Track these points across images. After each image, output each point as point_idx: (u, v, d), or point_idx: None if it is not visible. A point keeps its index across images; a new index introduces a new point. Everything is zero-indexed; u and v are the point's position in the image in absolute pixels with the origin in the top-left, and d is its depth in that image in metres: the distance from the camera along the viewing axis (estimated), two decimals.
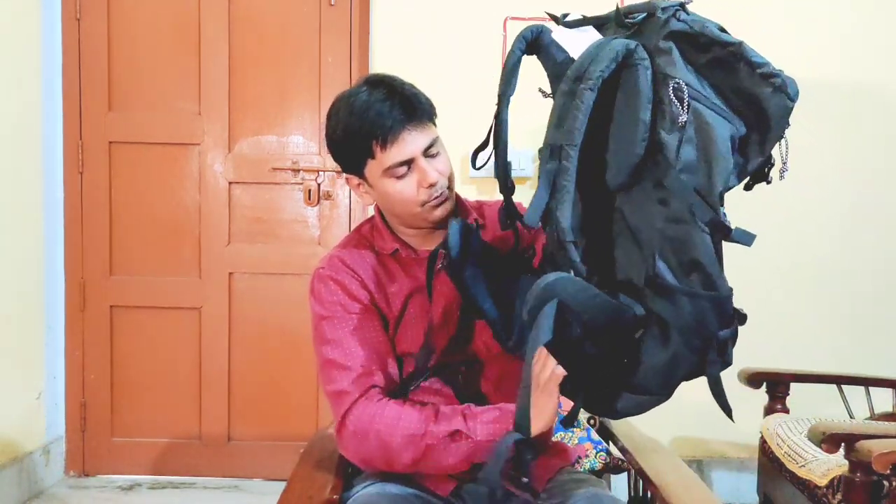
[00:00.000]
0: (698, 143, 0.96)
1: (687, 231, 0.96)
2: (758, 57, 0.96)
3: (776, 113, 0.98)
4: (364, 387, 1.21)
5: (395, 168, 1.22)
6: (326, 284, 1.29)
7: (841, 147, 2.49)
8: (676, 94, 0.95)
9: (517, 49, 1.19)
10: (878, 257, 2.50)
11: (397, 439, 1.16)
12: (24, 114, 2.49)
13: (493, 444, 1.11)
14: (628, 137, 0.99)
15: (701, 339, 0.96)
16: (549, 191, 1.02)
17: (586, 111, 0.98)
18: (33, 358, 2.56)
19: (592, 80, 0.98)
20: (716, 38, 0.97)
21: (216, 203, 2.65)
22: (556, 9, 1.28)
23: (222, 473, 2.69)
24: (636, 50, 0.99)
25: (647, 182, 0.99)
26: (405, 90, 1.24)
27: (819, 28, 2.47)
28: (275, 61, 2.63)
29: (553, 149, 1.02)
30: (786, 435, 1.83)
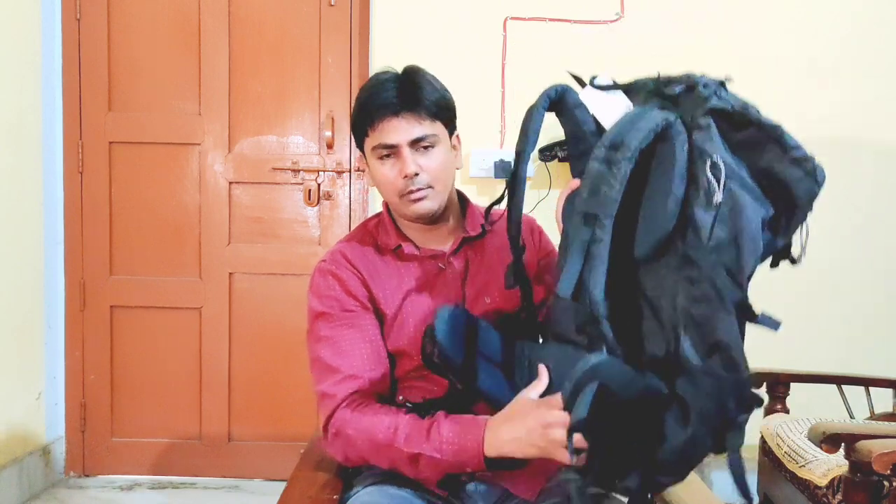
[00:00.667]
0: (731, 223, 0.95)
1: (713, 311, 0.94)
2: (792, 141, 0.96)
3: (804, 197, 0.97)
4: (348, 391, 1.22)
5: (379, 149, 1.25)
6: (325, 279, 1.30)
7: (841, 148, 2.48)
8: (714, 172, 0.94)
9: (541, 107, 1.17)
10: (878, 257, 2.50)
11: (367, 447, 1.18)
12: (24, 114, 2.49)
13: (458, 461, 1.12)
14: (660, 210, 0.98)
15: (720, 420, 0.94)
16: (582, 260, 1.00)
17: (623, 181, 0.98)
18: (33, 358, 2.56)
19: (631, 150, 0.98)
20: (754, 118, 0.98)
21: (216, 203, 2.65)
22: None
23: (222, 473, 2.69)
24: (675, 123, 0.98)
25: (673, 257, 0.99)
26: (417, 80, 1.26)
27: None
28: (275, 61, 2.63)
29: (587, 217, 1.01)
30: (786, 435, 1.83)
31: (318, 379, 1.26)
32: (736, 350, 0.94)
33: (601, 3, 2.44)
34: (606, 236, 0.99)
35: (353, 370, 1.24)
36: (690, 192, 0.97)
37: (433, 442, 1.14)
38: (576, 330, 1.06)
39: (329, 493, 1.23)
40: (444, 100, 1.29)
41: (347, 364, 1.24)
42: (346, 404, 1.21)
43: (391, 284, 1.30)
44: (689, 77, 1.03)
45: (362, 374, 1.24)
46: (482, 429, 1.12)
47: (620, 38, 2.44)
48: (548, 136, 2.38)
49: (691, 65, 2.62)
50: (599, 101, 1.13)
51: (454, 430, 1.13)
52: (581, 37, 2.44)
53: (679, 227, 0.97)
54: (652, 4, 2.45)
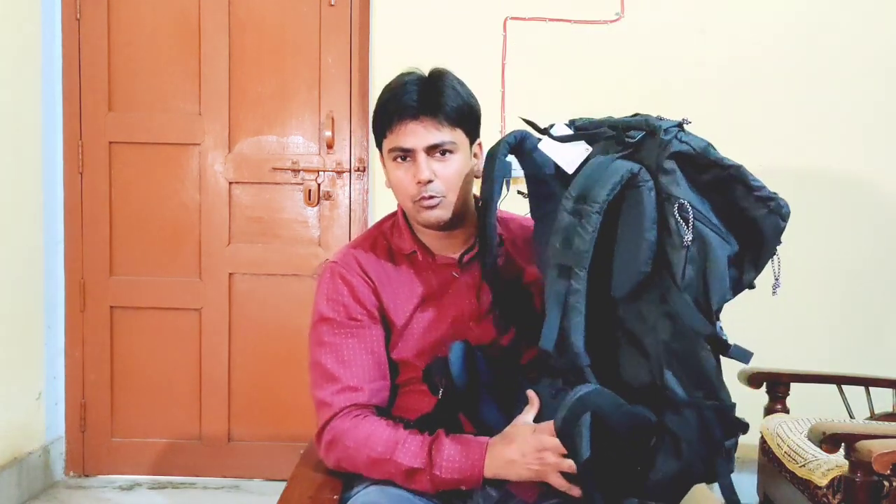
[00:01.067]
0: (699, 262, 1.00)
1: (693, 346, 1.01)
2: (755, 180, 1.00)
3: (770, 233, 1.01)
4: (346, 402, 1.23)
5: (395, 152, 1.24)
6: (335, 282, 1.28)
7: (842, 147, 2.48)
8: (682, 214, 0.99)
9: (501, 155, 1.20)
10: (879, 257, 2.49)
11: (363, 458, 1.19)
12: (24, 114, 2.49)
13: (456, 479, 1.15)
14: (634, 255, 1.03)
15: (708, 449, 1.01)
16: (560, 312, 1.05)
17: (594, 233, 1.02)
18: (33, 358, 2.56)
19: (599, 203, 1.02)
20: (716, 159, 1.01)
21: (216, 203, 2.65)
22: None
23: (222, 473, 2.69)
24: (640, 172, 1.02)
25: (653, 294, 1.04)
26: (441, 84, 1.24)
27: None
28: (275, 61, 2.63)
29: (562, 268, 1.05)
30: (786, 435, 1.83)
31: (317, 384, 1.26)
32: (717, 380, 1.01)
33: (601, 3, 2.44)
34: (582, 286, 1.03)
35: (354, 381, 1.24)
36: (662, 235, 1.02)
37: (434, 459, 1.15)
38: (562, 381, 1.10)
39: (329, 493, 1.23)
40: (468, 106, 1.25)
41: (348, 374, 1.24)
42: (342, 415, 1.22)
43: (403, 293, 1.29)
44: (648, 122, 1.06)
45: (362, 385, 1.24)
46: (484, 450, 1.14)
47: (620, 38, 2.44)
48: None
49: (691, 65, 2.63)
50: (558, 148, 1.17)
51: (456, 449, 1.15)
52: (581, 37, 2.44)
53: (656, 268, 1.02)
54: (652, 4, 2.45)
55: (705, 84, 2.45)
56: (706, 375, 1.00)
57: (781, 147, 2.46)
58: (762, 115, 2.46)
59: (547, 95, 2.43)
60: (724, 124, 2.34)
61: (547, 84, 2.45)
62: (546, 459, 1.08)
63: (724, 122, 2.37)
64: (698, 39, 2.46)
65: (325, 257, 2.63)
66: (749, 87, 2.46)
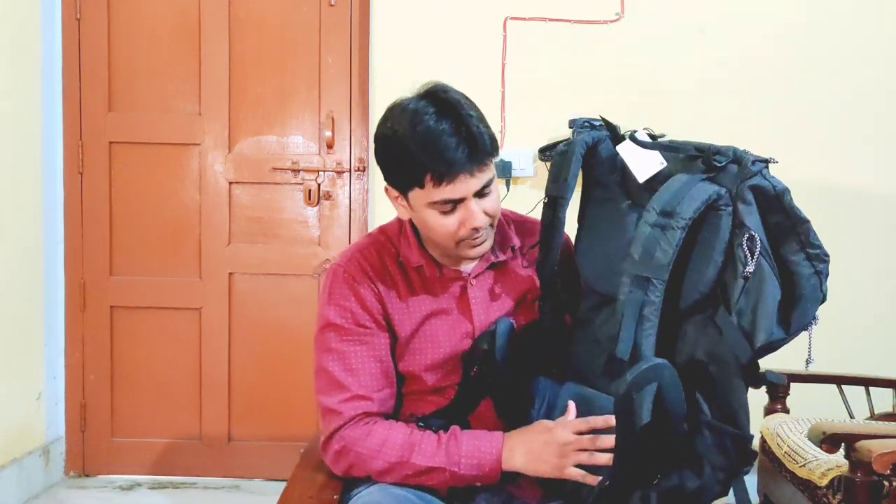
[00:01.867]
0: (753, 295, 1.04)
1: (727, 373, 1.05)
2: (816, 239, 1.06)
3: (808, 293, 1.07)
4: (355, 411, 1.21)
5: (440, 204, 1.16)
6: (341, 288, 1.25)
7: (842, 146, 2.48)
8: (749, 246, 1.03)
9: (578, 154, 1.22)
10: (879, 257, 2.49)
11: (378, 464, 1.19)
12: (24, 114, 2.49)
13: (473, 475, 1.15)
14: (701, 275, 1.07)
15: (726, 475, 1.06)
16: (635, 322, 1.06)
17: (676, 248, 1.05)
18: (33, 358, 2.56)
19: (685, 220, 1.05)
20: (788, 206, 1.05)
21: (216, 203, 2.65)
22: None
23: (222, 473, 2.68)
24: (724, 196, 1.06)
25: (699, 317, 1.08)
26: (472, 126, 1.14)
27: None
28: (275, 61, 2.62)
29: (639, 279, 1.06)
30: (786, 435, 1.83)
31: (324, 391, 1.24)
32: (743, 412, 1.05)
33: (601, 3, 2.44)
34: (658, 299, 1.05)
35: (362, 389, 1.22)
36: (726, 261, 1.06)
37: (451, 457, 1.15)
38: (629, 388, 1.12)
39: (330, 493, 1.22)
40: (493, 136, 1.19)
41: (357, 383, 1.22)
42: (352, 423, 1.21)
43: (409, 305, 1.26)
44: (735, 152, 1.09)
45: (371, 394, 1.23)
46: (500, 444, 1.14)
47: (620, 38, 2.44)
48: (548, 137, 2.38)
49: (691, 65, 2.64)
50: (635, 154, 1.18)
51: (472, 444, 1.16)
52: (581, 37, 2.44)
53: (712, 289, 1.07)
54: (652, 4, 2.45)
55: (705, 84, 2.45)
56: (734, 404, 1.05)
57: (781, 147, 2.44)
58: (762, 115, 2.45)
59: (547, 95, 2.43)
60: (724, 124, 2.34)
61: (547, 84, 2.45)
62: (567, 455, 1.10)
63: (724, 122, 2.38)
64: (698, 39, 2.45)
65: (325, 257, 2.63)
66: (749, 87, 2.46)
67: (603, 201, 1.24)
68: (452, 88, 1.19)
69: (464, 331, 1.27)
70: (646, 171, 1.16)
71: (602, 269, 1.21)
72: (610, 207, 1.22)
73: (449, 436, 1.17)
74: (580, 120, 1.27)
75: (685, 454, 1.06)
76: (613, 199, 1.22)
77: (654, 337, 1.05)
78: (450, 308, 1.27)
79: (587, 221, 1.27)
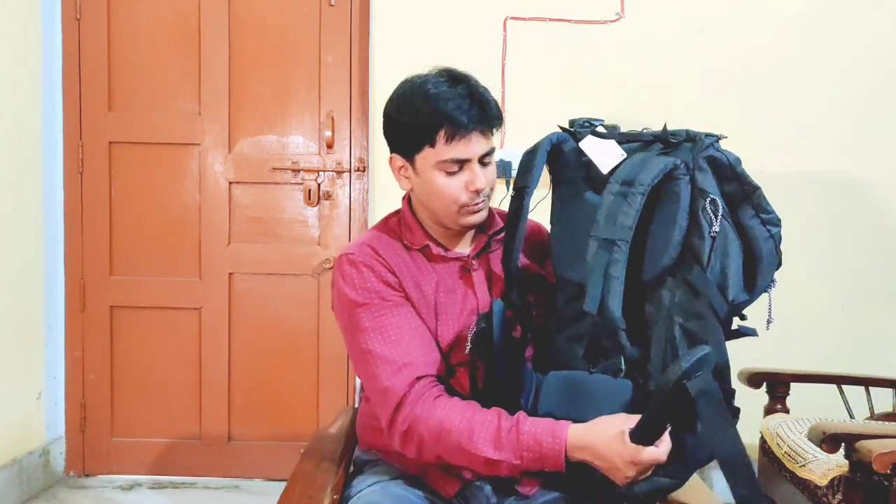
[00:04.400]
0: (721, 254, 1.11)
1: (706, 327, 1.11)
2: (768, 205, 1.12)
3: (766, 257, 1.12)
4: (409, 381, 1.17)
5: (449, 163, 1.23)
6: (359, 270, 1.26)
7: (842, 146, 2.48)
8: (712, 207, 1.11)
9: (544, 150, 1.28)
10: (879, 257, 2.49)
11: (442, 449, 1.15)
12: (24, 114, 2.49)
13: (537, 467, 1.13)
14: (666, 241, 1.14)
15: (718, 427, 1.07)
16: (601, 279, 1.12)
17: (637, 211, 1.12)
18: (33, 358, 2.56)
19: (644, 185, 1.12)
20: (741, 175, 1.13)
21: (216, 203, 2.65)
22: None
23: (222, 473, 2.69)
24: (680, 166, 1.14)
25: (673, 281, 1.14)
26: (483, 94, 1.25)
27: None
28: (275, 61, 2.63)
29: (605, 242, 1.13)
30: (786, 435, 1.83)
31: (371, 374, 1.21)
32: (726, 365, 1.11)
33: (601, 3, 2.44)
34: (623, 258, 1.12)
35: (407, 357, 1.19)
36: (691, 226, 1.13)
37: (515, 449, 1.11)
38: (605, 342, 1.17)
39: (330, 493, 1.23)
40: (500, 111, 1.29)
41: (399, 351, 1.20)
42: (411, 398, 1.17)
43: (420, 284, 1.29)
44: (688, 131, 1.18)
45: (416, 359, 1.20)
46: (562, 443, 1.10)
47: (620, 38, 2.44)
48: None
49: (691, 65, 2.64)
50: (598, 148, 1.26)
51: (533, 438, 1.11)
52: (581, 37, 2.44)
53: (681, 255, 1.13)
54: (652, 4, 2.45)
55: (705, 84, 2.45)
56: (718, 357, 1.08)
57: (781, 147, 2.46)
58: (762, 114, 2.46)
59: (547, 95, 2.43)
60: (724, 124, 2.32)
61: (547, 84, 2.45)
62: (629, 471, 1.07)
63: (724, 122, 2.36)
64: (698, 39, 2.46)
65: (324, 257, 2.64)
66: (749, 86, 2.46)
67: (570, 197, 1.30)
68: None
69: (471, 306, 1.29)
70: (609, 163, 1.23)
71: (573, 257, 1.25)
72: (576, 201, 1.28)
73: (511, 425, 1.13)
74: (580, 120, 1.30)
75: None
76: (579, 194, 1.29)
77: (620, 294, 1.12)
78: (456, 286, 1.31)
79: (557, 217, 1.33)
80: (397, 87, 1.29)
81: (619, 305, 1.11)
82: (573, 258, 1.24)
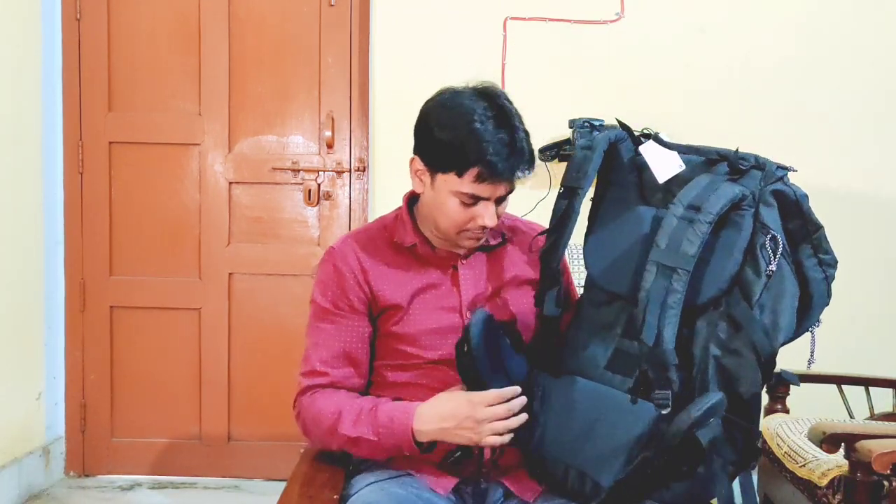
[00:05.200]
0: (774, 293, 1.09)
1: (742, 366, 1.07)
2: (828, 246, 1.12)
3: (818, 297, 1.12)
4: (309, 383, 1.30)
5: (467, 196, 1.23)
6: (329, 269, 1.32)
7: (842, 147, 2.48)
8: (772, 245, 1.08)
9: (601, 149, 1.25)
10: (879, 257, 2.49)
11: (319, 433, 1.28)
12: (24, 114, 2.49)
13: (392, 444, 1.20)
14: (719, 269, 1.10)
15: (735, 468, 1.08)
16: (659, 309, 1.09)
17: (702, 241, 1.09)
18: (33, 358, 2.56)
19: (713, 214, 1.09)
20: (806, 212, 1.11)
21: (216, 203, 2.65)
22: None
23: (222, 473, 2.68)
24: (748, 197, 1.11)
25: (714, 312, 1.11)
26: (523, 142, 1.23)
27: None
28: (275, 61, 2.62)
29: (665, 269, 1.10)
30: (786, 435, 1.83)
31: (303, 357, 1.34)
32: (756, 406, 1.08)
33: (601, 3, 2.44)
34: (682, 288, 1.09)
35: (322, 366, 1.30)
36: (747, 258, 1.10)
37: (372, 426, 1.21)
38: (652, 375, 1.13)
39: (329, 493, 1.23)
40: (534, 153, 1.28)
41: (318, 358, 1.30)
42: (304, 393, 1.31)
43: (400, 280, 1.31)
44: (757, 157, 1.15)
45: (328, 371, 1.30)
46: (411, 417, 1.19)
47: (620, 38, 2.44)
48: (548, 137, 2.38)
49: (691, 65, 2.63)
50: (657, 155, 1.23)
51: (388, 416, 1.21)
52: (581, 37, 2.44)
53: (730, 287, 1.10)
54: (652, 4, 2.45)
55: (705, 84, 2.45)
56: (748, 398, 1.07)
57: (781, 147, 2.44)
58: (762, 115, 2.46)
59: (547, 95, 2.43)
60: (725, 124, 2.34)
61: (547, 84, 2.45)
62: (482, 428, 1.14)
63: (725, 122, 2.38)
64: (698, 39, 2.46)
65: None
66: (749, 86, 2.46)
67: (616, 201, 1.26)
68: (505, 94, 1.26)
69: (451, 304, 1.31)
70: (666, 172, 1.20)
71: (609, 266, 1.22)
72: (623, 207, 1.24)
73: (371, 407, 1.23)
74: (580, 120, 1.29)
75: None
76: (627, 200, 1.25)
77: (676, 326, 1.08)
78: (440, 283, 1.32)
79: (598, 220, 1.29)
80: (441, 95, 1.26)
81: (673, 338, 1.08)
82: (611, 267, 1.22)
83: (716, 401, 1.02)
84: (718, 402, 1.02)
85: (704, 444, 1.00)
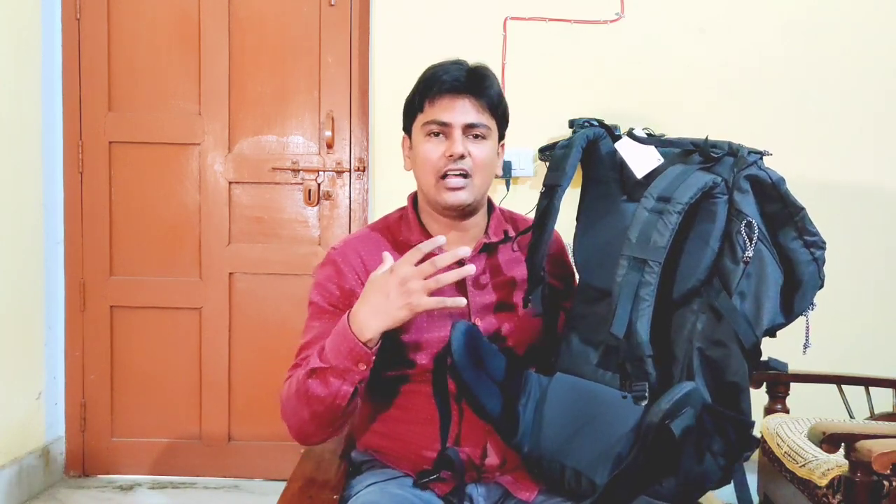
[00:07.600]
0: (755, 280, 1.07)
1: (727, 355, 1.06)
2: (812, 227, 1.10)
3: (807, 280, 1.11)
4: (293, 371, 1.29)
5: (431, 125, 1.24)
6: (327, 270, 1.31)
7: (841, 147, 2.48)
8: (748, 231, 1.07)
9: (579, 146, 1.25)
10: (879, 256, 2.49)
11: (289, 405, 1.28)
12: (24, 114, 2.49)
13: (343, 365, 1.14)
14: (697, 262, 1.10)
15: (727, 460, 1.06)
16: (631, 302, 1.08)
17: (672, 231, 1.08)
18: (33, 358, 2.56)
19: (682, 204, 1.08)
20: (784, 195, 1.10)
21: (216, 203, 2.65)
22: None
23: (222, 473, 2.69)
24: (720, 184, 1.10)
25: (695, 303, 1.10)
26: (483, 71, 1.27)
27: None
28: (275, 61, 2.62)
29: (636, 261, 1.09)
30: (786, 435, 1.83)
31: (298, 348, 1.33)
32: (745, 395, 1.06)
33: (601, 3, 2.44)
34: (654, 280, 1.08)
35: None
36: (723, 248, 1.09)
37: (319, 357, 1.18)
38: (629, 368, 1.12)
39: (329, 493, 1.23)
40: (504, 101, 1.29)
41: (304, 355, 1.29)
42: (287, 381, 1.30)
43: None
44: (730, 144, 1.14)
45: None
46: (346, 323, 1.14)
47: (620, 38, 2.44)
48: (548, 137, 2.39)
49: (691, 65, 2.63)
50: (634, 151, 1.23)
51: (330, 340, 1.17)
52: (581, 37, 2.44)
53: (709, 278, 1.10)
54: (652, 4, 2.45)
55: (705, 84, 2.45)
56: (737, 387, 1.06)
57: (782, 146, 2.44)
58: (763, 114, 2.46)
59: (547, 95, 2.43)
60: (725, 124, 2.34)
61: (547, 84, 2.45)
62: (411, 287, 1.09)
63: (725, 122, 2.38)
64: (698, 39, 2.46)
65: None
66: (749, 86, 2.46)
67: (600, 198, 1.26)
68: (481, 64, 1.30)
69: (459, 310, 1.27)
70: (644, 167, 1.20)
71: (597, 263, 1.22)
72: (606, 203, 1.25)
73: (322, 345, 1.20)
74: (580, 120, 1.29)
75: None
76: (610, 196, 1.25)
77: (648, 317, 1.08)
78: (445, 288, 1.28)
79: (584, 217, 1.29)
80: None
81: (647, 330, 1.08)
82: (597, 264, 1.22)
83: (686, 391, 1.01)
84: (690, 391, 1.01)
85: (677, 434, 0.99)
